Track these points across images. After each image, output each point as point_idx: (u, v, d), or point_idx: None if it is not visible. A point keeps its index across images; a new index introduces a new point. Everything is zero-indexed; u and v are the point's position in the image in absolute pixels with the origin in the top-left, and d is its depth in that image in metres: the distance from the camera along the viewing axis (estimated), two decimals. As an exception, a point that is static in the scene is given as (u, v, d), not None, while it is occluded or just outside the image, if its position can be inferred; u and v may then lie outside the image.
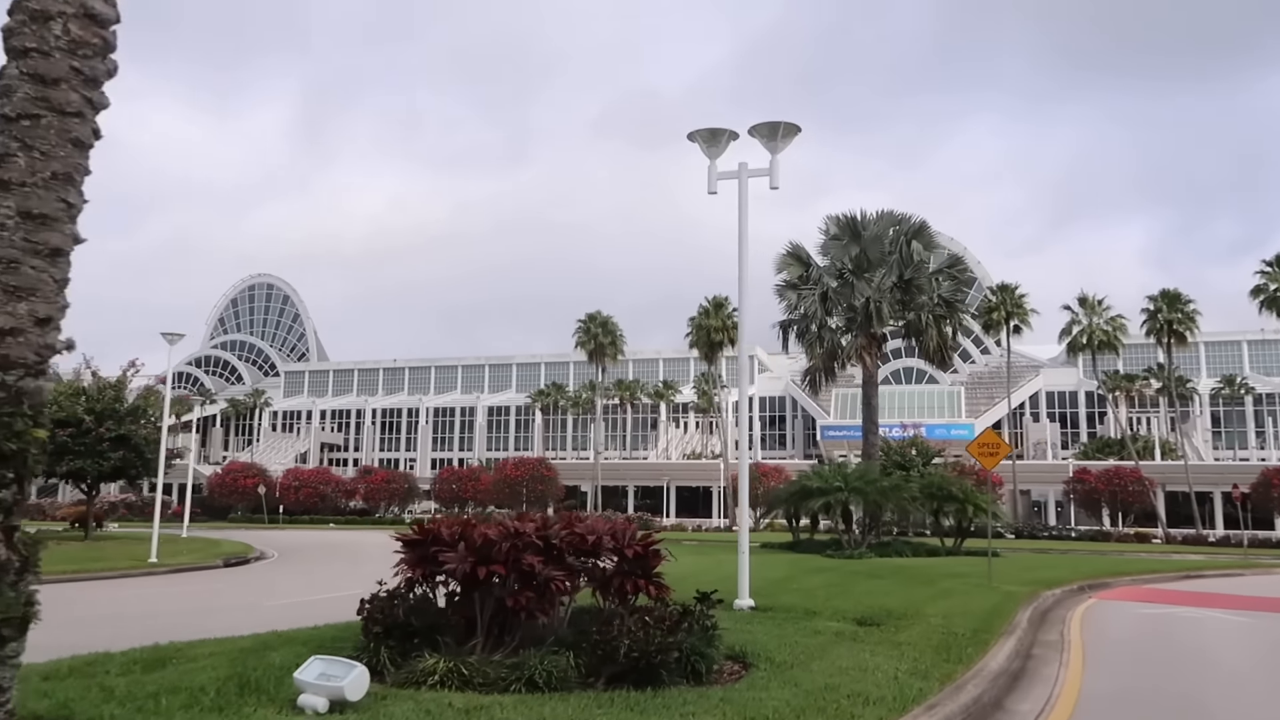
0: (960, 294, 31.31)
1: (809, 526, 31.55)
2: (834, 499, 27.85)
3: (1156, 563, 32.72)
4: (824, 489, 28.37)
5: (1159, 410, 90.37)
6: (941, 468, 55.43)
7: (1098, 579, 24.99)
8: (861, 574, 19.39)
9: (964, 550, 31.09)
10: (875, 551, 27.36)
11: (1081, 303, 56.06)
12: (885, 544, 28.89)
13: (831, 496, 27.88)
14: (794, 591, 15.00)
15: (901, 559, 25.60)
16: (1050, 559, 31.87)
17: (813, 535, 31.23)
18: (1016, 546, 45.21)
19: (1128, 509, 59.55)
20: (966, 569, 20.94)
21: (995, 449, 18.67)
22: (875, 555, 26.63)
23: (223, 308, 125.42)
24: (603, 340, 65.17)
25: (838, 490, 27.91)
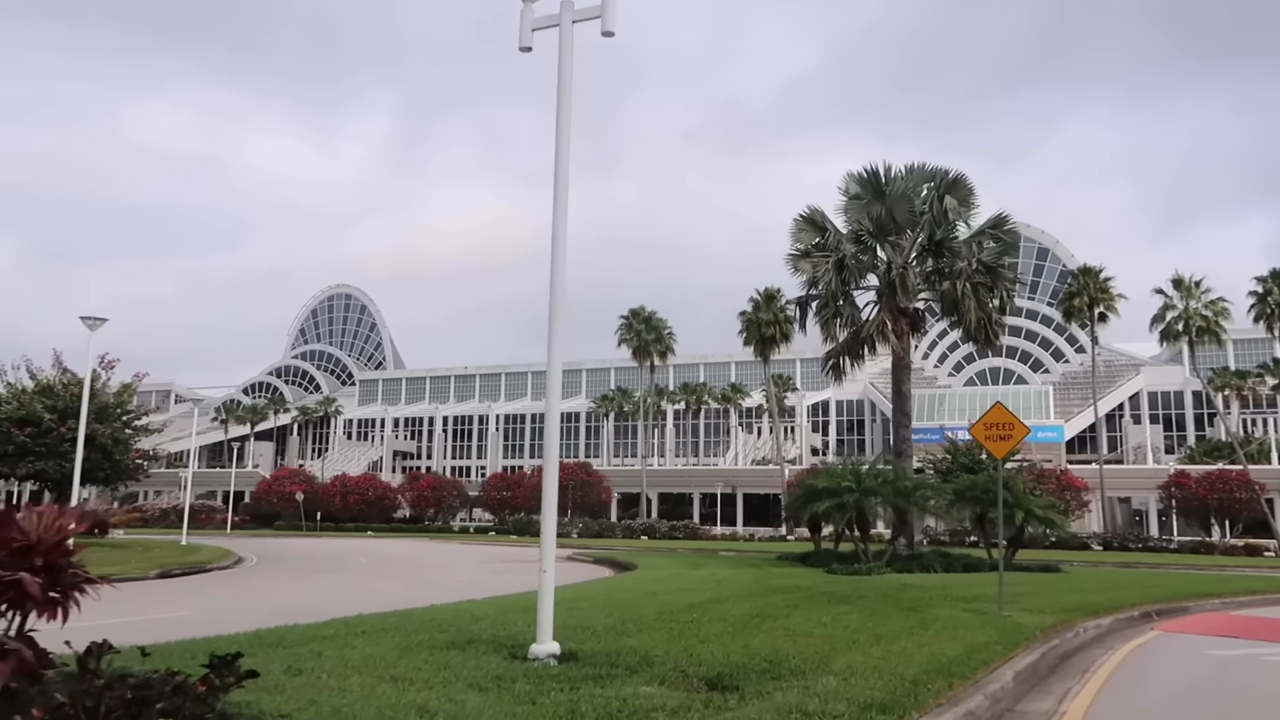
0: (1006, 259, 25.89)
1: (834, 535, 26.60)
2: (843, 502, 22.95)
3: (1260, 580, 26.67)
4: (832, 490, 23.49)
5: (1277, 411, 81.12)
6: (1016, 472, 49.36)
7: (1174, 602, 19.56)
8: (832, 597, 14.63)
9: (1015, 564, 25.68)
10: (897, 566, 22.37)
11: (1176, 285, 49.07)
12: (915, 556, 23.82)
13: (840, 499, 23.00)
14: (680, 624, 10.49)
15: (920, 575, 20.59)
16: (1124, 575, 26.20)
17: (837, 545, 26.28)
18: (1098, 559, 39.12)
19: (1235, 518, 52.06)
20: (988, 591, 15.98)
21: (1006, 431, 13.75)
22: (893, 570, 21.70)
23: (303, 318, 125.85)
24: (646, 338, 60.67)
25: (848, 491, 22.99)
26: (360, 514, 66.25)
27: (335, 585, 22.06)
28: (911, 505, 23.76)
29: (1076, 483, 52.12)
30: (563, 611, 11.76)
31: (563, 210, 8.97)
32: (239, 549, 37.77)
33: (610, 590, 14.99)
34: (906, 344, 26.37)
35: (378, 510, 67.54)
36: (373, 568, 29.16)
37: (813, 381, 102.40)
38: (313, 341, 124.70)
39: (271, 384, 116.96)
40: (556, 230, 9.01)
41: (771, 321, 52.95)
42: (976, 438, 14.08)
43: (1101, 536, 50.86)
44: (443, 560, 33.61)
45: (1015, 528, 24.61)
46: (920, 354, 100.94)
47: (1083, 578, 23.79)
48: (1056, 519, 25.57)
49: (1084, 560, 38.48)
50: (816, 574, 20.58)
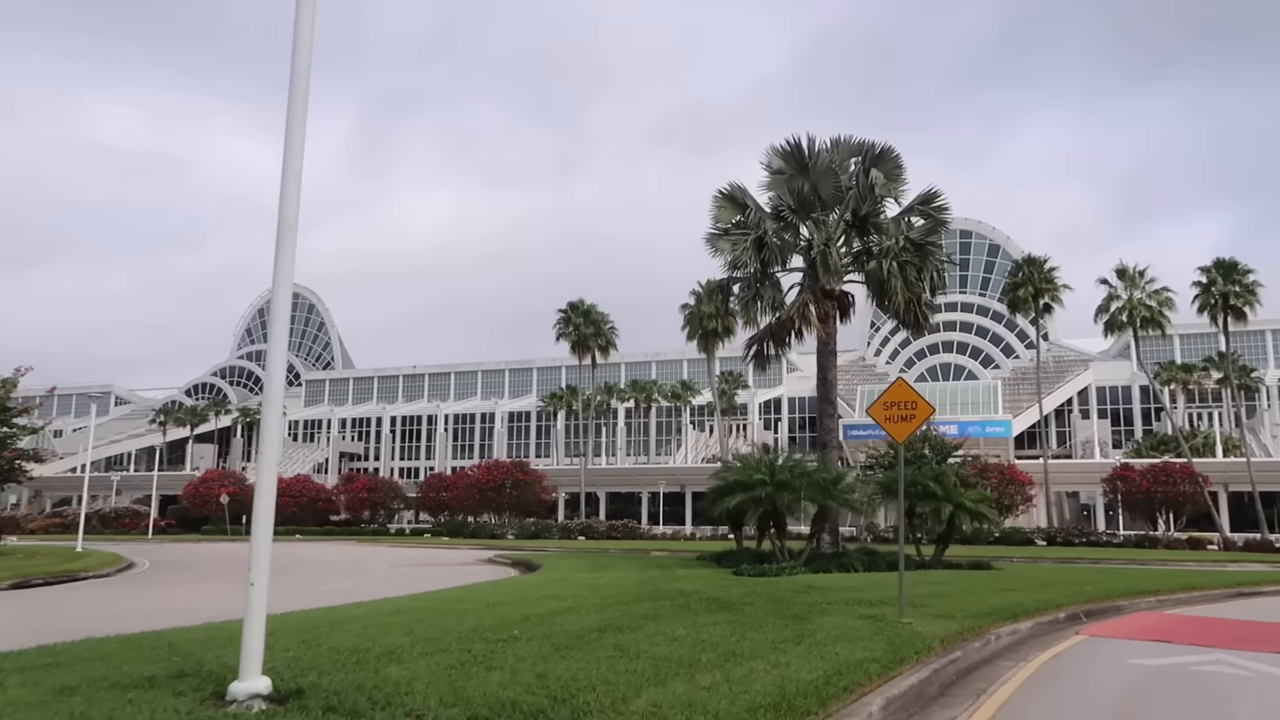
0: (936, 237, 24.15)
1: (757, 533, 24.69)
2: (756, 496, 21.09)
3: (1201, 576, 25.27)
4: (744, 483, 21.61)
5: (1221, 405, 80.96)
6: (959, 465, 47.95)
7: (1106, 601, 17.96)
8: (713, 604, 12.72)
9: (945, 561, 24.00)
10: (815, 565, 20.54)
11: (1120, 275, 47.92)
12: (838, 555, 22.03)
13: (753, 493, 21.14)
14: (484, 645, 8.52)
15: (836, 576, 18.75)
16: (1060, 572, 24.63)
17: (759, 543, 24.39)
18: (1039, 555, 37.76)
19: (1179, 510, 51.09)
20: (895, 593, 14.18)
21: (908, 411, 11.94)
22: (810, 570, 19.87)
23: (249, 318, 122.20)
24: (585, 331, 58.49)
25: (760, 485, 21.12)
26: (293, 517, 63.44)
27: (191, 595, 19.90)
28: (831, 500, 21.97)
29: (1021, 477, 50.92)
30: (357, 630, 9.74)
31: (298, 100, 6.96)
32: (139, 555, 35.32)
33: (446, 602, 12.99)
34: (832, 329, 24.59)
35: (312, 513, 64.74)
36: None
37: (765, 378, 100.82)
38: (259, 342, 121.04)
39: (215, 385, 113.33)
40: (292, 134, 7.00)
41: (714, 315, 51.07)
42: (875, 419, 12.25)
43: (1046, 531, 49.65)
44: (349, 564, 31.36)
45: (945, 522, 22.94)
46: (872, 350, 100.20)
47: (1015, 575, 22.15)
48: (988, 513, 23.93)
49: (1025, 556, 37.08)
50: (721, 576, 18.71)
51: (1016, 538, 48.54)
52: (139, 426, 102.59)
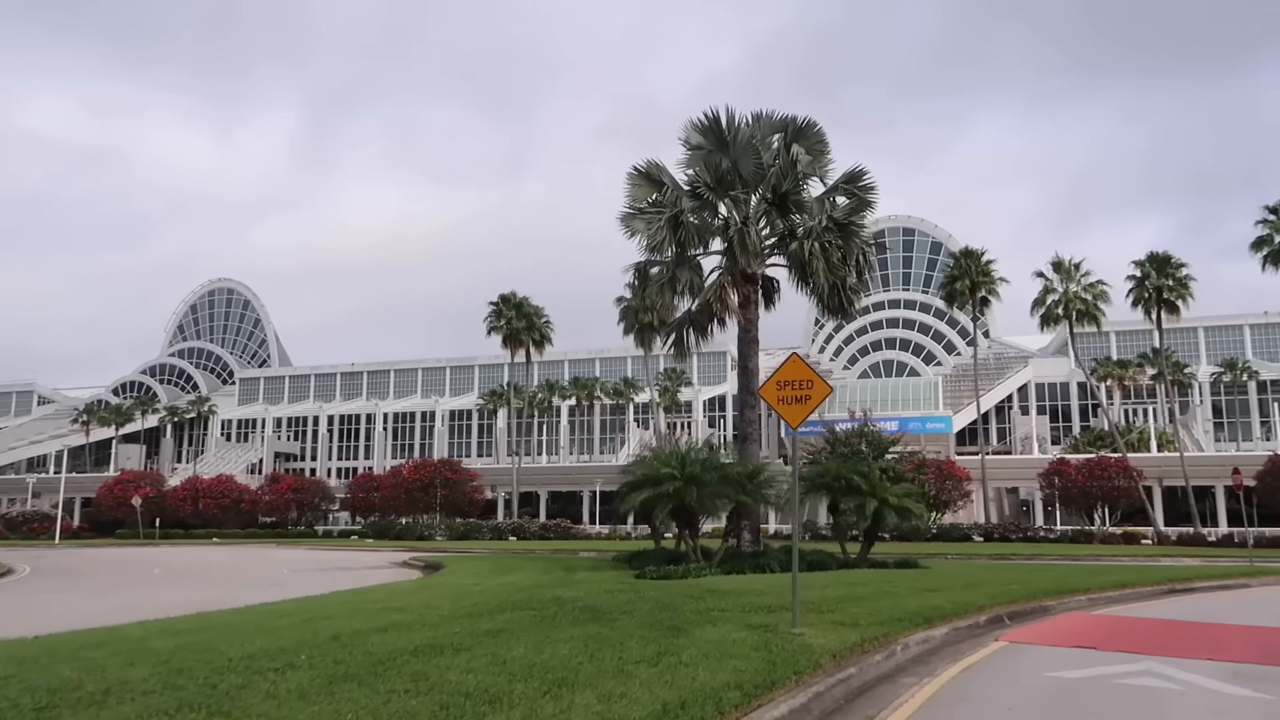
0: (860, 217, 22.75)
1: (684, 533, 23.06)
2: (663, 491, 19.50)
3: (1134, 572, 24.26)
4: (652, 478, 20.05)
5: (1156, 401, 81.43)
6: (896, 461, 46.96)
7: (1033, 601, 16.70)
8: (585, 614, 11.10)
9: (870, 560, 22.63)
10: (729, 566, 19.00)
11: (1056, 268, 47.29)
12: (757, 555, 20.53)
13: (661, 488, 19.55)
14: (232, 674, 6.80)
15: (747, 578, 17.20)
16: (991, 570, 23.42)
17: (678, 543, 22.80)
18: (974, 551, 36.77)
19: (1114, 505, 50.69)
20: (810, 596, 12.73)
21: (803, 391, 10.42)
22: (723, 571, 18.36)
23: (182, 314, 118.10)
24: (517, 325, 56.46)
25: (669, 479, 19.54)
26: (215, 519, 60.55)
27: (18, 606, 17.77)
28: (747, 496, 20.45)
29: (958, 472, 50.14)
30: (100, 658, 7.93)
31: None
32: (29, 561, 32.77)
33: (267, 616, 11.24)
34: (754, 315, 23.07)
35: (234, 515, 61.84)
36: (137, 580, 24.73)
37: (711, 375, 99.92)
38: (192, 339, 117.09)
39: (144, 384, 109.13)
40: None
41: (649, 307, 49.39)
42: (767, 400, 10.70)
43: (984, 528, 48.88)
44: (243, 570, 29.22)
45: (869, 518, 21.60)
46: (816, 347, 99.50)
47: (942, 573, 20.85)
48: (914, 508, 22.59)
49: (960, 553, 36.05)
50: (621, 578, 17.10)
51: (954, 534, 47.73)
52: (62, 427, 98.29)
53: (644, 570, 18.11)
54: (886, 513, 21.85)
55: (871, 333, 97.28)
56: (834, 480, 21.89)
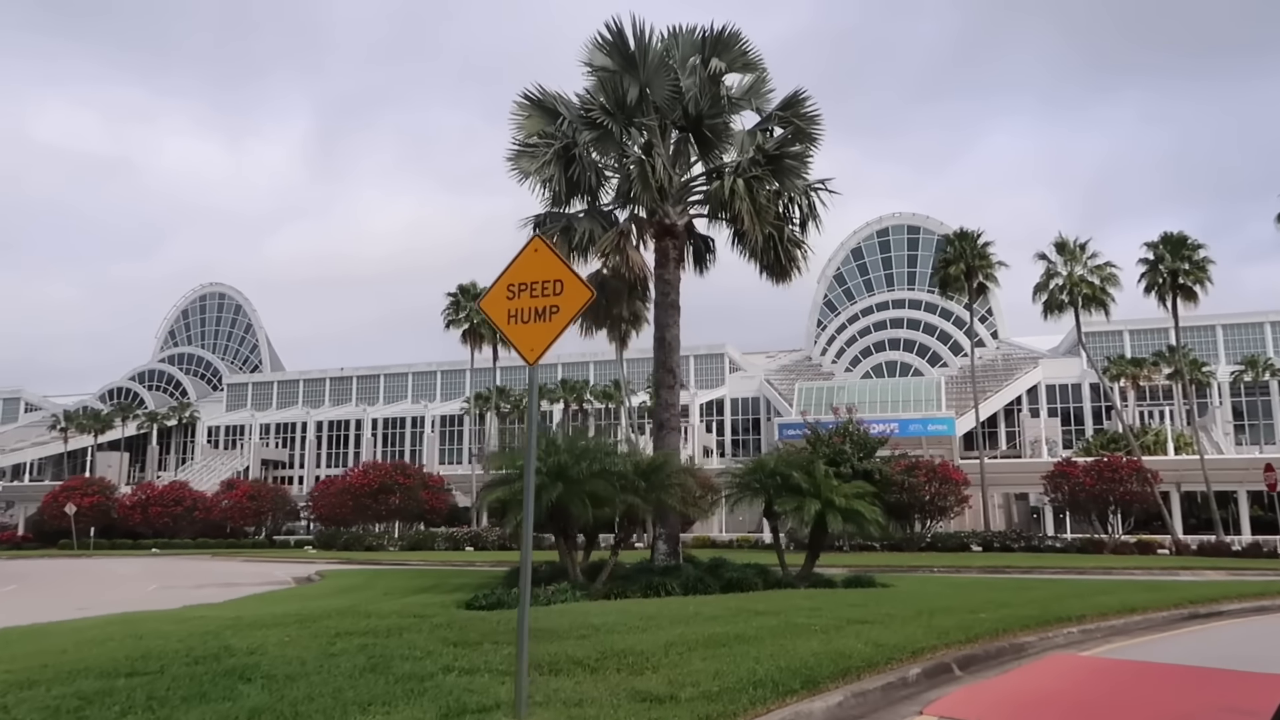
0: (798, 148, 18.17)
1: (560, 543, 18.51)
2: (517, 490, 15.08)
3: (1146, 590, 19.62)
4: (508, 476, 15.63)
5: (1173, 402, 76.20)
6: (885, 462, 42.27)
7: (1005, 636, 12.27)
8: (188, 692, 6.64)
9: (814, 576, 18.09)
10: (617, 586, 14.48)
11: (1060, 249, 42.48)
12: (666, 570, 16.04)
13: (513, 486, 15.12)
14: None
15: (620, 605, 12.70)
16: (969, 589, 18.84)
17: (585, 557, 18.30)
18: (963, 564, 32.10)
19: (1127, 511, 45.68)
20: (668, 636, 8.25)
21: (549, 299, 5.90)
22: (603, 594, 13.89)
23: (173, 320, 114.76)
24: (477, 319, 52.07)
25: (538, 475, 15.17)
26: (166, 528, 56.42)
27: None
28: (636, 496, 15.94)
29: (954, 475, 45.30)
30: None
31: None
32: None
33: None
34: (674, 275, 18.66)
35: (189, 524, 57.62)
36: None
37: (707, 378, 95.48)
38: (183, 344, 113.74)
39: (132, 390, 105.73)
40: None
41: (619, 299, 45.00)
42: (490, 316, 6.30)
43: (982, 536, 44.03)
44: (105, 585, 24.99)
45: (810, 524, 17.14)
46: (819, 349, 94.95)
47: (899, 596, 16.29)
48: (864, 511, 17.99)
49: (949, 565, 31.33)
50: (442, 607, 12.67)
51: (950, 543, 42.98)
52: (44, 434, 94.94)
53: (491, 595, 13.62)
54: (831, 517, 17.34)
55: (875, 333, 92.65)
56: (768, 478, 17.44)
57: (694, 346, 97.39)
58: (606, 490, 14.87)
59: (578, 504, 14.60)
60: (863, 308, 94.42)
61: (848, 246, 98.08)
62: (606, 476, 15.11)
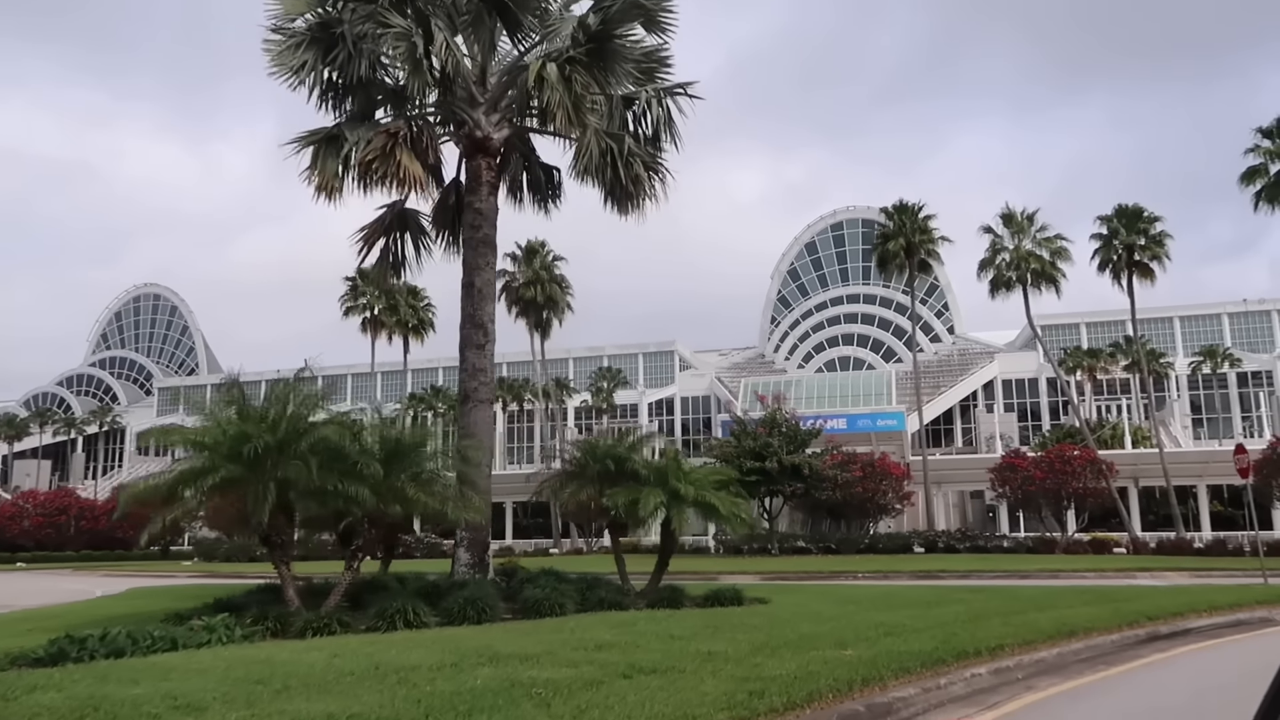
0: (627, 28, 13.68)
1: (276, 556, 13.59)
2: (212, 483, 10.37)
3: (1094, 602, 15.30)
4: (229, 457, 10.75)
5: (1131, 396, 72.77)
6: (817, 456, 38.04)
7: (876, 688, 7.76)
8: None
9: (663, 594, 13.51)
10: (337, 618, 9.89)
11: (1006, 220, 38.36)
12: (453, 589, 11.42)
13: (207, 479, 10.40)
14: None
15: (312, 645, 8.16)
16: (865, 605, 14.37)
17: (382, 568, 13.59)
18: (894, 568, 27.68)
19: (1082, 507, 41.59)
20: None
21: None
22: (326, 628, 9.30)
23: (105, 322, 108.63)
24: (376, 304, 47.05)
25: (227, 463, 10.28)
26: (49, 539, 50.97)
27: None
28: (362, 485, 11.24)
29: (893, 469, 40.97)
30: None
31: None
32: None
33: None
34: (488, 204, 14.10)
35: (74, 535, 52.00)
36: None
37: (657, 376, 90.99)
38: (115, 347, 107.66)
39: (59, 395, 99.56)
40: None
41: (534, 280, 40.31)
42: None
43: (926, 536, 39.76)
44: None
45: (645, 519, 12.71)
46: (772, 345, 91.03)
47: (757, 622, 11.79)
48: (720, 504, 13.42)
49: (877, 570, 26.86)
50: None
51: (891, 544, 38.67)
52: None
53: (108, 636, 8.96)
54: (676, 512, 12.87)
55: (828, 328, 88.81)
56: (596, 462, 12.97)
57: (643, 344, 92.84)
58: (338, 484, 10.21)
59: (305, 502, 10.05)
60: (816, 303, 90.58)
61: (801, 241, 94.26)
62: (339, 456, 10.50)
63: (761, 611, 12.76)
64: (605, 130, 13.49)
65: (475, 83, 13.66)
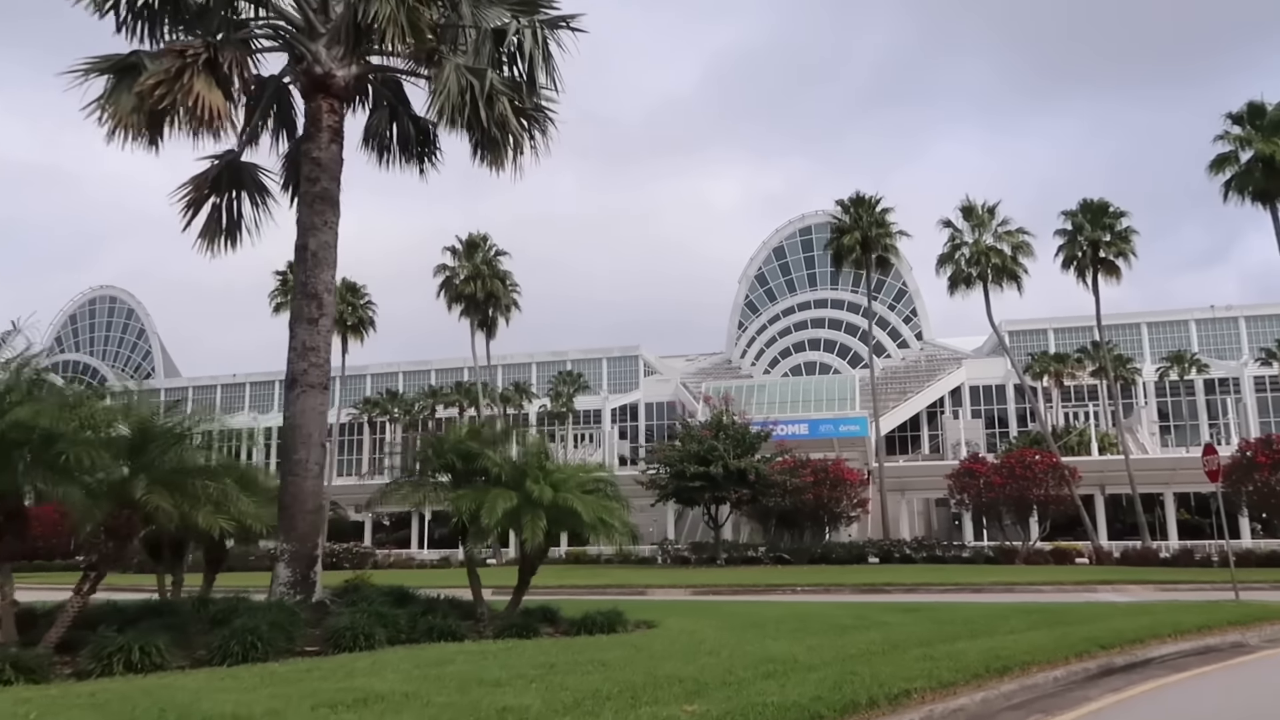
0: None
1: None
2: None
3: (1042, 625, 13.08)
4: None
5: (1098, 402, 71.21)
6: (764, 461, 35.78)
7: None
8: None
9: (518, 620, 11.05)
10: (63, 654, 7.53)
11: (966, 214, 36.34)
12: (255, 612, 8.88)
13: None
14: None
15: None
16: (772, 630, 12.06)
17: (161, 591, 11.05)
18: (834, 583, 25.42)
19: (1044, 514, 39.50)
20: None
21: None
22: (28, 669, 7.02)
23: (59, 325, 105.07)
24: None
25: None
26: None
27: None
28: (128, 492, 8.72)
29: (847, 475, 38.73)
30: None
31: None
32: None
33: None
34: (329, 153, 11.78)
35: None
36: None
37: (621, 382, 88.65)
38: (70, 351, 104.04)
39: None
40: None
41: (475, 275, 37.83)
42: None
43: (880, 545, 37.54)
44: None
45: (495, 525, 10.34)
46: (739, 351, 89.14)
47: (616, 656, 9.40)
48: (584, 509, 10.90)
49: (818, 584, 24.52)
50: None
51: (846, 555, 36.41)
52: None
53: None
54: (530, 520, 10.49)
55: (795, 333, 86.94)
56: (440, 459, 10.62)
57: (607, 349, 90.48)
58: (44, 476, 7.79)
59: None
60: (784, 308, 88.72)
61: (770, 246, 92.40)
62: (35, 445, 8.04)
63: (633, 641, 10.41)
64: (468, 66, 11.20)
65: (315, 10, 11.35)
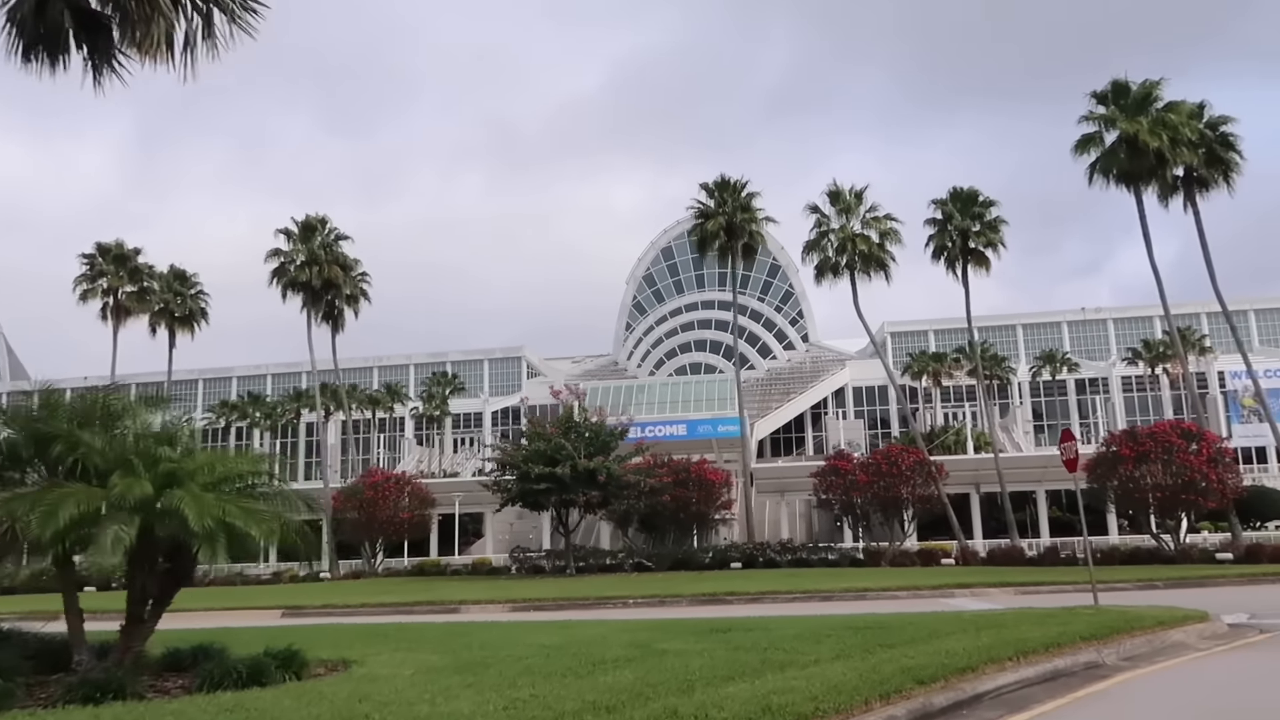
0: None
1: None
2: None
3: (854, 652, 10.29)
4: None
5: (976, 403, 71.28)
6: (617, 461, 32.91)
7: None
8: None
9: (133, 658, 7.77)
10: None
11: (833, 199, 34.27)
12: None
13: None
14: None
15: None
16: (513, 665, 8.97)
17: None
18: (673, 594, 22.54)
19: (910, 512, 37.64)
20: None
21: None
22: None
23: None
24: (126, 290, 38.45)
25: None
26: None
27: None
28: None
29: (710, 475, 36.13)
30: None
31: None
32: None
33: None
34: None
35: None
36: None
37: (503, 384, 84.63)
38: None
39: None
40: None
41: (311, 260, 33.73)
42: None
43: (744, 550, 35.02)
44: None
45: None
46: (625, 353, 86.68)
47: None
48: (191, 509, 7.50)
49: (654, 596, 21.56)
50: None
51: (705, 560, 33.66)
52: None
53: None
54: (114, 525, 7.04)
55: (682, 334, 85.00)
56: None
57: (488, 350, 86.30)
58: None
59: None
60: (671, 309, 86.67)
61: (658, 246, 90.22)
62: None
63: (261, 705, 7.15)
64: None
65: None
